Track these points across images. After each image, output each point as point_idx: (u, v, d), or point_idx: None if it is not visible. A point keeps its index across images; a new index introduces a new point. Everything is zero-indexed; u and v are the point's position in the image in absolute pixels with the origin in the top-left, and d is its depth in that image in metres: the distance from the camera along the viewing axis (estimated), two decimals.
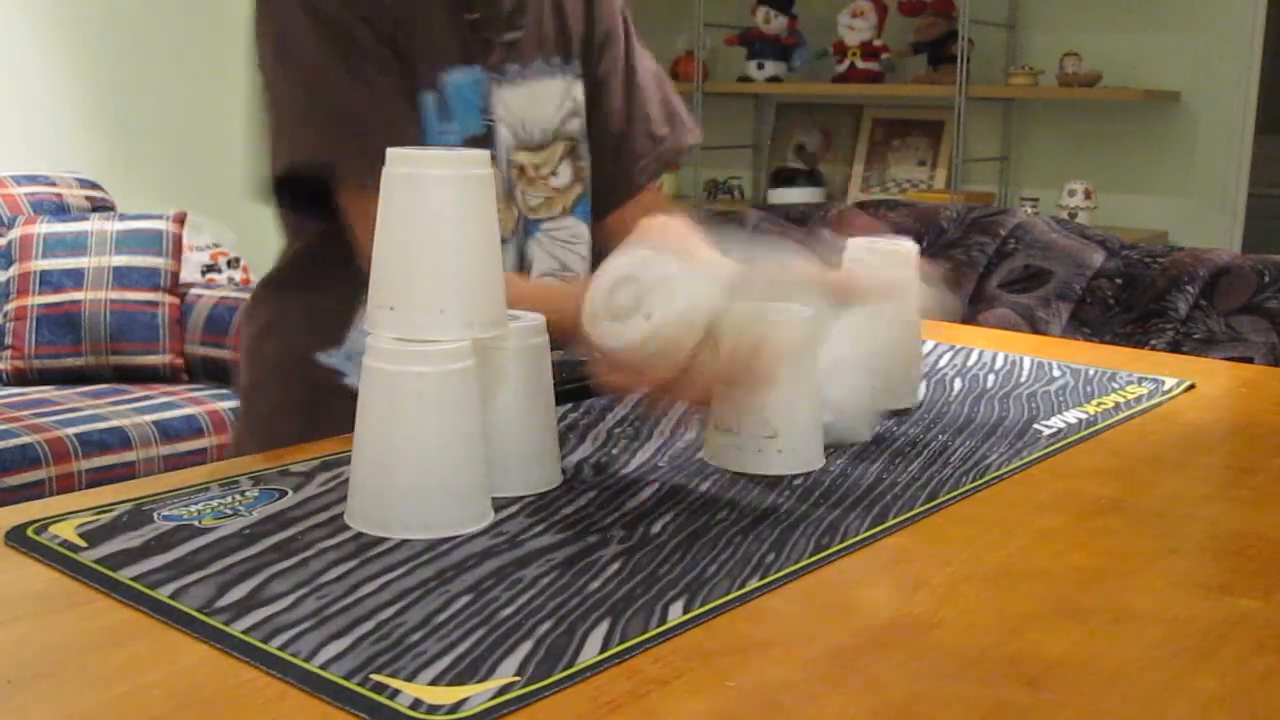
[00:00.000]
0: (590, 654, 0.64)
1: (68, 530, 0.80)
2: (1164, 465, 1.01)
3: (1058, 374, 1.30)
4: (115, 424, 2.67)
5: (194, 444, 2.76)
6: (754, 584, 0.74)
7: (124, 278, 3.04)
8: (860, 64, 4.10)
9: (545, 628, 0.67)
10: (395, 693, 0.60)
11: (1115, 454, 1.03)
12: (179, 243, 3.16)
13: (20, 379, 3.00)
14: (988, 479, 0.95)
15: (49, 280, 3.01)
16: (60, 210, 3.25)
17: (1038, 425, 1.10)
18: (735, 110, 4.61)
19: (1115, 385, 1.26)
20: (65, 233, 3.07)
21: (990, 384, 1.25)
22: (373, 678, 0.61)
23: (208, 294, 3.19)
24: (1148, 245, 2.33)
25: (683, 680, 0.62)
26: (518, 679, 0.61)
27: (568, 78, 1.24)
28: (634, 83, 1.32)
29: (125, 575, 0.73)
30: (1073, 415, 1.14)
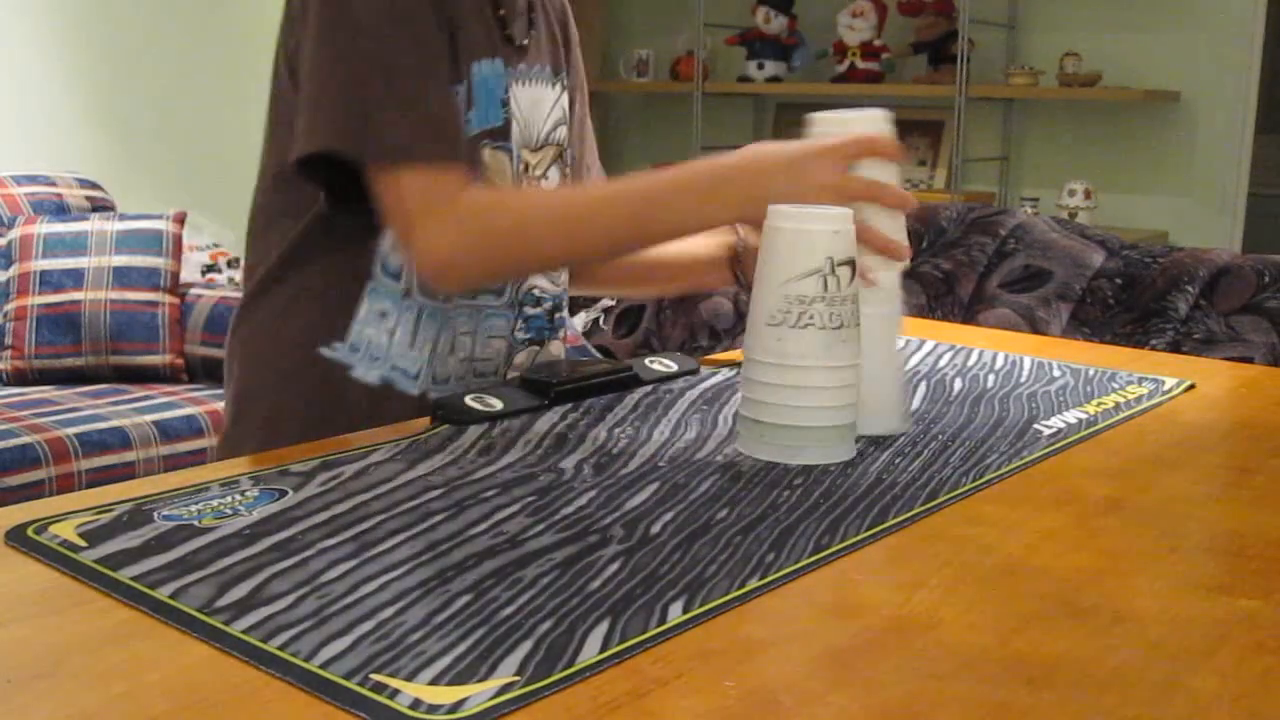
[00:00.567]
0: (590, 654, 0.64)
1: (68, 530, 0.80)
2: (1164, 465, 1.01)
3: (1058, 374, 1.30)
4: (115, 424, 2.67)
5: (194, 444, 2.76)
6: (754, 584, 0.74)
7: (124, 278, 3.04)
8: (860, 64, 4.11)
9: (545, 627, 0.67)
10: (395, 692, 0.60)
11: (1115, 454, 1.03)
12: (179, 243, 3.16)
13: (20, 379, 3.00)
14: (988, 479, 0.95)
15: (49, 280, 3.01)
16: (60, 210, 3.25)
17: (1038, 425, 1.10)
18: (735, 110, 4.62)
19: (1115, 385, 1.26)
20: (65, 233, 3.07)
21: (990, 384, 1.25)
22: (373, 677, 0.61)
23: (208, 294, 3.20)
24: (1148, 245, 2.33)
25: (683, 680, 0.62)
26: (518, 679, 0.61)
27: (557, 88, 1.28)
28: (584, 115, 1.39)
29: (125, 575, 0.73)
30: (1073, 415, 1.14)
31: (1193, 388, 1.26)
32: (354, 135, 1.06)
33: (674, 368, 1.26)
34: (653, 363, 1.26)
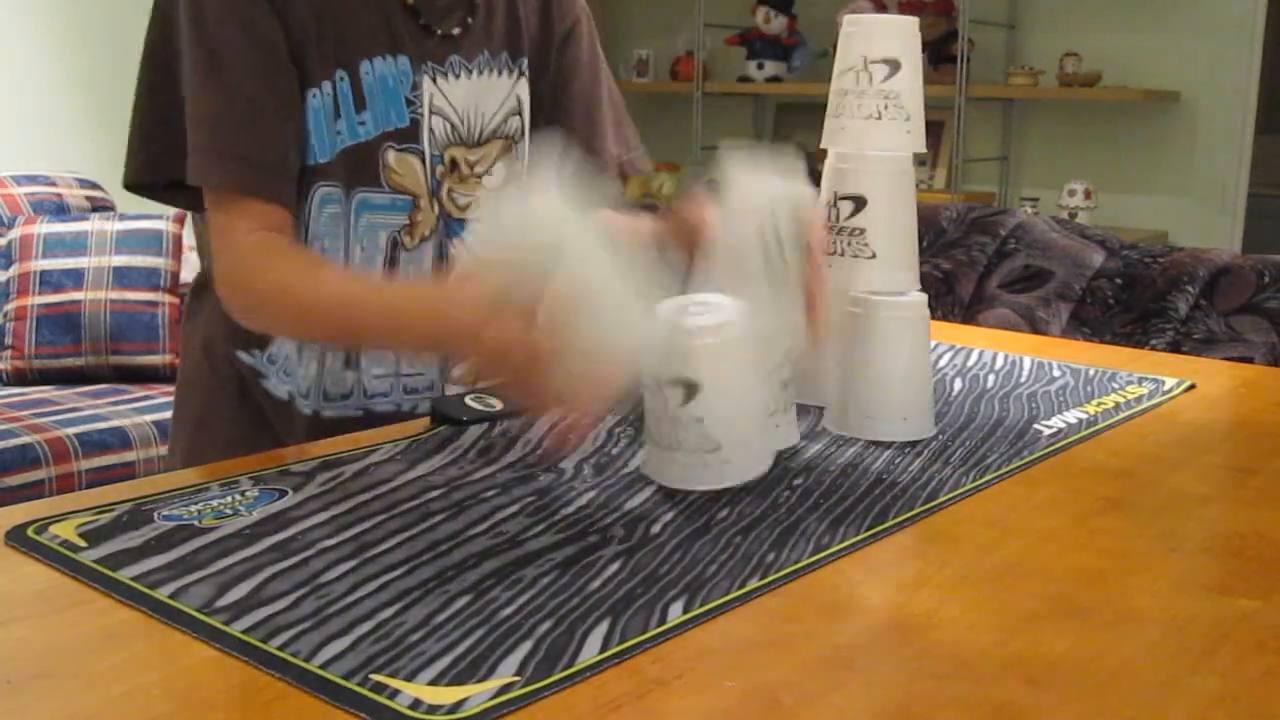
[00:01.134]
0: (590, 654, 0.64)
1: (68, 530, 0.80)
2: (1164, 465, 1.01)
3: (1058, 374, 1.30)
4: (115, 424, 2.67)
5: None
6: (754, 584, 0.74)
7: (124, 278, 3.04)
8: None
9: (545, 628, 0.67)
10: (395, 693, 0.60)
11: (1115, 454, 1.03)
12: (179, 243, 3.15)
13: (20, 379, 3.00)
14: (988, 479, 0.95)
15: (49, 280, 3.01)
16: (60, 210, 3.25)
17: (1038, 425, 1.10)
18: (735, 110, 4.62)
19: (1115, 385, 1.26)
20: (65, 233, 3.07)
21: (990, 384, 1.25)
22: (372, 678, 0.61)
23: None
24: (1148, 245, 2.33)
25: (683, 680, 0.62)
26: (518, 679, 0.61)
27: (514, 76, 1.22)
28: (597, 96, 1.30)
29: (125, 575, 0.73)
30: (1073, 415, 1.14)
31: (1193, 388, 1.26)
32: (195, 168, 1.07)
33: None
34: None
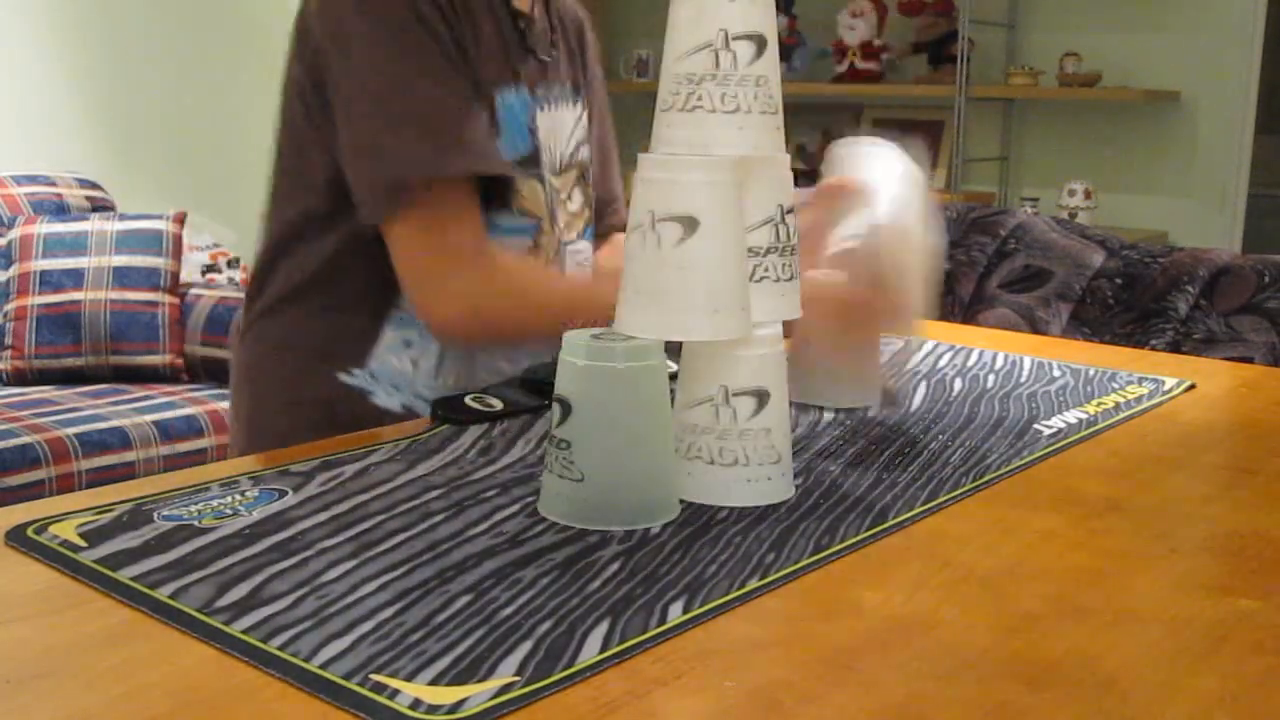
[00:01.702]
0: (590, 654, 0.64)
1: (68, 530, 0.80)
2: (1164, 465, 1.01)
3: (1058, 374, 1.30)
4: (115, 424, 2.67)
5: (194, 444, 2.76)
6: (754, 584, 0.74)
7: (124, 278, 3.04)
8: (860, 64, 4.10)
9: (545, 628, 0.67)
10: (395, 692, 0.60)
11: (1115, 454, 1.03)
12: (179, 243, 3.16)
13: (20, 379, 3.00)
14: (988, 479, 0.95)
15: (49, 280, 3.01)
16: (60, 210, 3.25)
17: (1038, 425, 1.10)
18: None
19: (1115, 385, 1.26)
20: (65, 233, 3.07)
21: (990, 384, 1.25)
22: (372, 678, 0.61)
23: (208, 294, 3.20)
24: (1148, 245, 2.32)
25: (683, 680, 0.62)
26: (517, 679, 0.61)
27: (579, 107, 1.27)
28: (609, 141, 1.39)
29: (125, 575, 0.73)
30: (1073, 415, 1.14)
31: (1193, 388, 1.26)
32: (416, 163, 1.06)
33: (674, 368, 1.26)
34: None
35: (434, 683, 0.61)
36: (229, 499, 0.86)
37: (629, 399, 0.82)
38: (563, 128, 1.24)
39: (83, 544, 0.78)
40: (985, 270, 2.34)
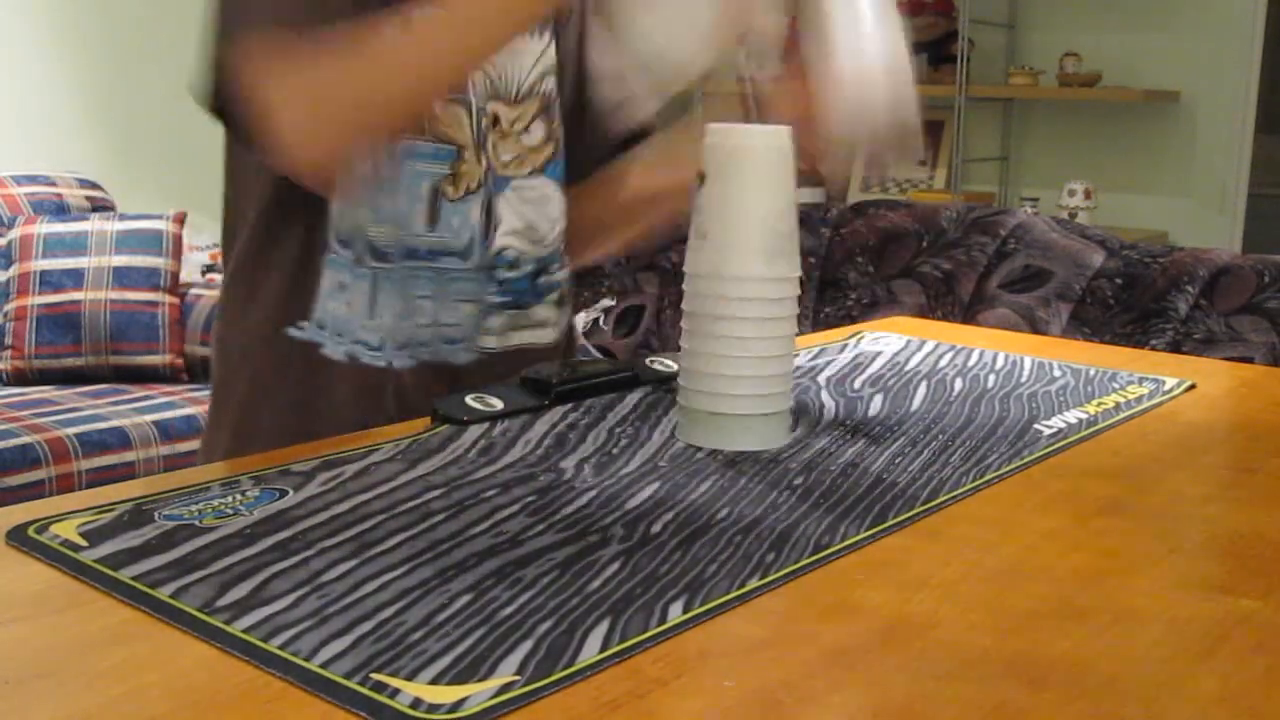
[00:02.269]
0: (590, 653, 0.64)
1: (68, 530, 0.80)
2: (1164, 465, 1.01)
3: (1058, 374, 1.30)
4: (115, 424, 2.67)
5: (194, 444, 2.76)
6: (754, 584, 0.74)
7: (124, 278, 3.04)
8: None
9: (545, 627, 0.67)
10: (395, 692, 0.60)
11: (1115, 454, 1.03)
12: (179, 243, 3.16)
13: (20, 379, 3.00)
14: (988, 479, 0.95)
15: (49, 280, 3.01)
16: (60, 210, 3.25)
17: (1038, 425, 1.10)
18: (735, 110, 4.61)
19: (1116, 385, 1.26)
20: (65, 233, 3.07)
21: (991, 384, 1.25)
22: (373, 677, 0.61)
23: (208, 294, 3.20)
24: (1148, 245, 2.33)
25: (683, 680, 0.62)
26: (518, 678, 0.61)
27: (544, 38, 1.25)
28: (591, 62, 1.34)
29: (125, 575, 0.73)
30: (1073, 415, 1.14)
31: (1193, 388, 1.26)
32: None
33: (674, 368, 1.26)
34: (653, 363, 1.26)
35: (434, 682, 0.61)
36: (229, 499, 0.86)
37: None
38: (520, 56, 1.21)
39: (83, 543, 0.78)
40: (985, 270, 2.34)
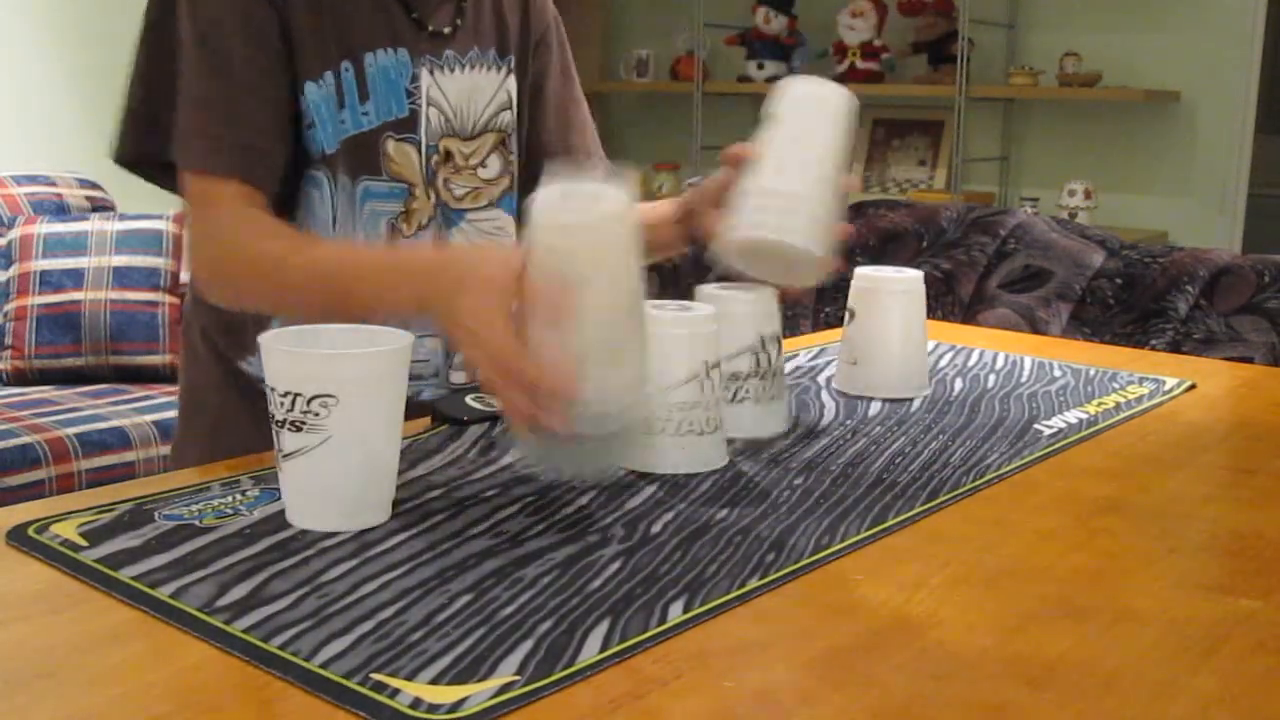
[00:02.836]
0: (590, 653, 0.64)
1: (69, 530, 0.80)
2: (1164, 465, 1.01)
3: (1058, 374, 1.30)
4: (115, 424, 2.67)
5: None
6: (754, 584, 0.74)
7: (124, 278, 3.04)
8: (860, 64, 4.11)
9: (545, 627, 0.67)
10: (395, 692, 0.60)
11: (1115, 454, 1.03)
12: (179, 243, 3.15)
13: (20, 379, 2.99)
14: (988, 479, 0.95)
15: (49, 280, 3.01)
16: (60, 210, 3.25)
17: (1038, 425, 1.10)
18: (735, 110, 4.61)
19: (1116, 385, 1.26)
20: (65, 233, 3.07)
21: (991, 384, 1.25)
22: (373, 677, 0.61)
23: None
24: (1148, 245, 2.33)
25: (683, 680, 0.62)
26: (518, 678, 0.61)
27: (503, 72, 1.25)
28: (572, 96, 1.35)
29: (126, 574, 0.73)
30: (1073, 415, 1.14)
31: (1193, 388, 1.26)
32: (179, 148, 1.09)
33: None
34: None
35: (434, 682, 0.61)
36: (229, 498, 0.86)
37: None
38: (477, 93, 1.23)
39: (84, 543, 0.78)
40: (985, 270, 2.34)
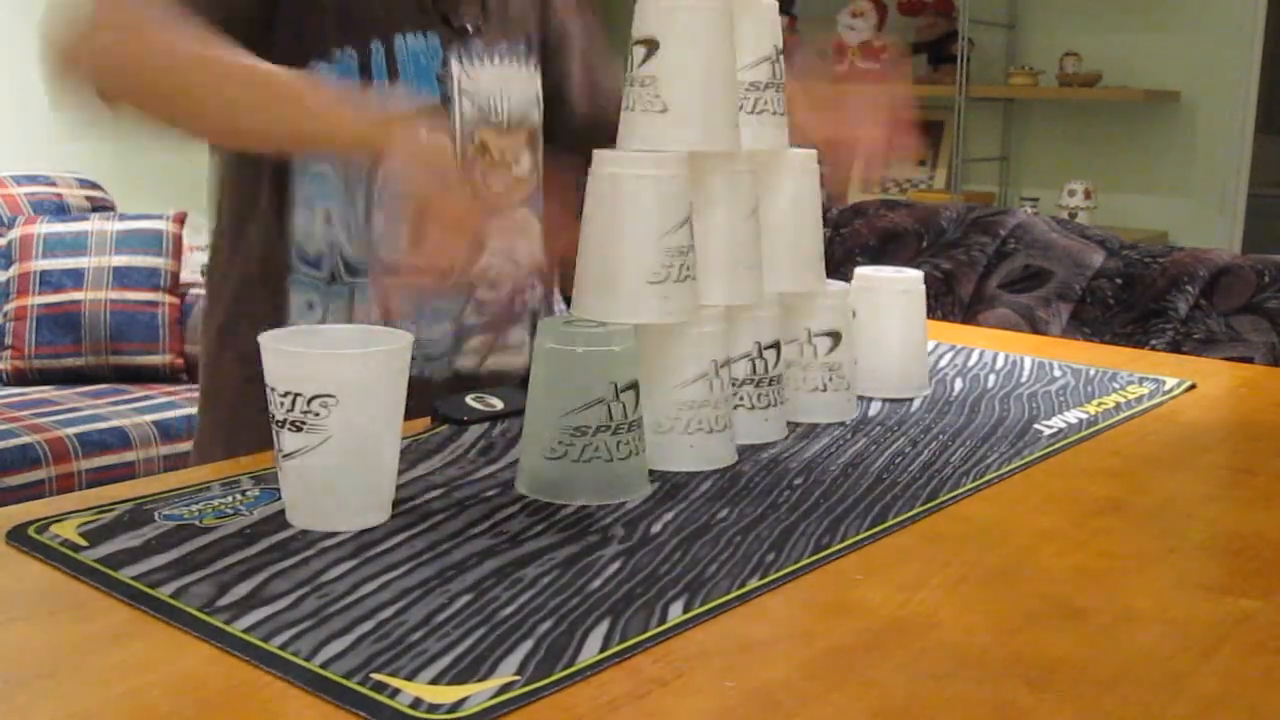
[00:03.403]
0: (590, 653, 0.64)
1: (69, 530, 0.80)
2: (1164, 465, 1.01)
3: (1058, 374, 1.30)
4: (115, 424, 2.67)
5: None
6: (754, 584, 0.74)
7: (124, 278, 3.04)
8: (860, 64, 4.10)
9: (545, 627, 0.67)
10: (395, 692, 0.60)
11: (1115, 454, 1.03)
12: (179, 243, 3.16)
13: (20, 379, 3.00)
14: (988, 479, 0.95)
15: (49, 280, 3.01)
16: (60, 210, 3.25)
17: (1038, 425, 1.10)
18: None
19: (1116, 385, 1.26)
20: (65, 233, 3.07)
21: (991, 384, 1.25)
22: (373, 677, 0.61)
23: None
24: (1148, 245, 2.32)
25: (683, 680, 0.62)
26: (518, 678, 0.61)
27: (532, 67, 1.24)
28: (597, 30, 1.34)
29: (126, 575, 0.73)
30: (1073, 415, 1.14)
31: (1193, 388, 1.26)
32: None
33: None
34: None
35: (434, 682, 0.61)
36: (229, 498, 0.86)
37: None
38: (510, 85, 1.21)
39: (84, 543, 0.78)
40: (985, 270, 2.34)
